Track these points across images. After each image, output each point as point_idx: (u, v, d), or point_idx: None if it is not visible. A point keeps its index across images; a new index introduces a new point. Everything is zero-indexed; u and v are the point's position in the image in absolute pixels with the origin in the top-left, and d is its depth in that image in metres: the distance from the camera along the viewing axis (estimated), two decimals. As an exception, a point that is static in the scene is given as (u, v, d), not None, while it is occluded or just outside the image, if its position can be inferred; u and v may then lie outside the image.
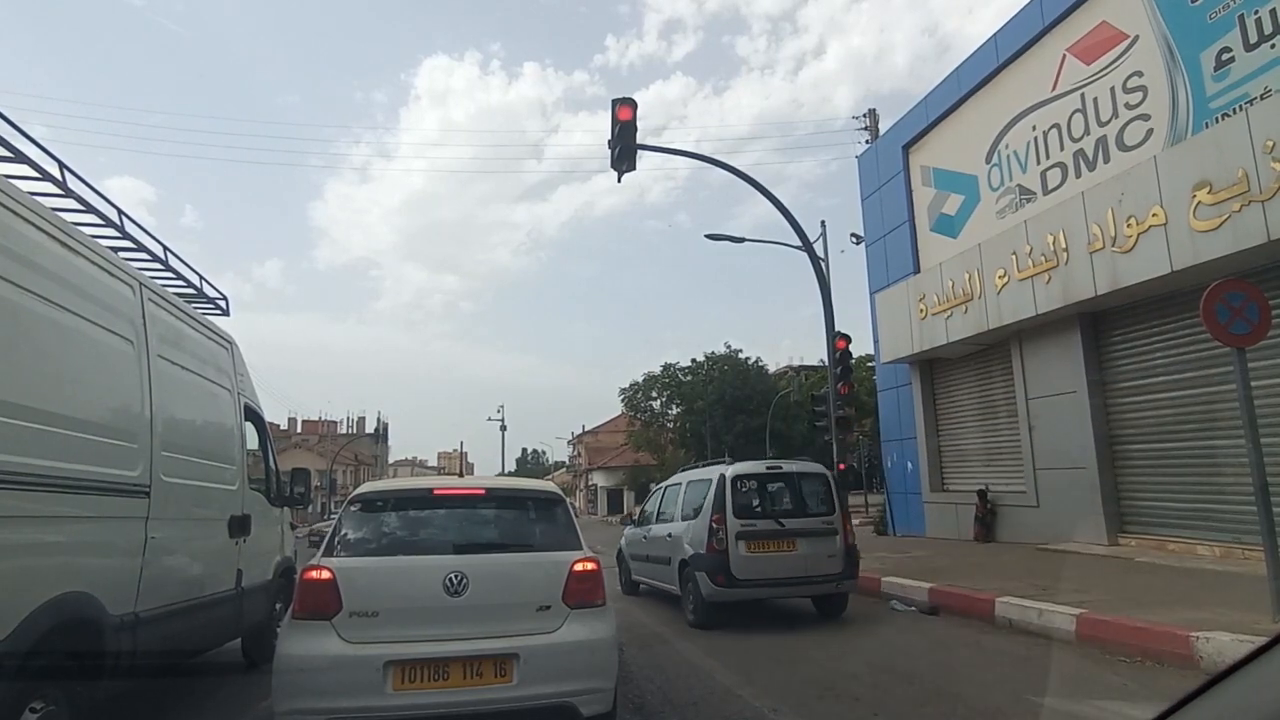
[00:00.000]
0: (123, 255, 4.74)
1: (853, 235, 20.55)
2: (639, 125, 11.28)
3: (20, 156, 3.76)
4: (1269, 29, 8.74)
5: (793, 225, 12.90)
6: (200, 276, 6.20)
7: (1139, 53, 10.53)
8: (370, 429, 58.85)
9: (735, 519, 7.48)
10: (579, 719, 3.61)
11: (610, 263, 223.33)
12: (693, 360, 42.86)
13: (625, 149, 11.35)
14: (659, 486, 10.35)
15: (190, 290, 6.06)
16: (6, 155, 3.69)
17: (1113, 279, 9.92)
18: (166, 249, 5.50)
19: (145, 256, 5.25)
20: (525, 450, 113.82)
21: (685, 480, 8.87)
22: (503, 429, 55.70)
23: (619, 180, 11.84)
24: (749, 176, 12.69)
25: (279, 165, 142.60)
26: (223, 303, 6.67)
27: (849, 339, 13.02)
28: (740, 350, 42.47)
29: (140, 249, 5.16)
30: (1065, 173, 11.91)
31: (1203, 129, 9.43)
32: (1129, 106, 10.70)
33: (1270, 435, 7.73)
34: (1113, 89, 10.96)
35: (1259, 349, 7.34)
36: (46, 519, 3.27)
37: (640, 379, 44.67)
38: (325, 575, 3.58)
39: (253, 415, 6.47)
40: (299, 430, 65.29)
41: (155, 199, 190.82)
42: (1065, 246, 10.70)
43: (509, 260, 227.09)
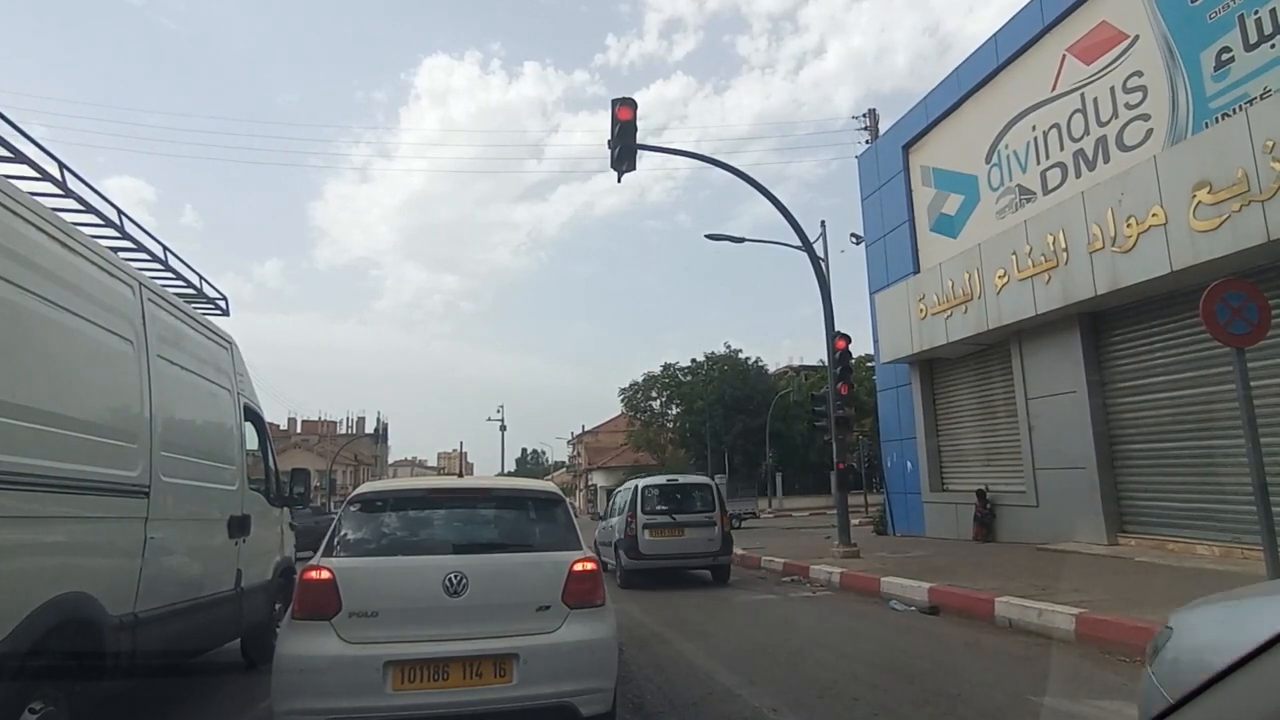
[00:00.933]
0: (123, 255, 4.74)
1: (853, 235, 20.60)
2: (639, 125, 11.32)
3: (20, 156, 3.76)
4: (1269, 29, 8.74)
5: (793, 225, 12.91)
6: (200, 276, 6.20)
7: (1139, 53, 10.53)
8: (370, 429, 58.79)
9: (643, 514, 10.92)
10: (579, 719, 3.61)
11: (610, 263, 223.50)
12: (692, 360, 42.96)
13: (625, 149, 11.36)
14: (615, 491, 13.50)
15: (190, 290, 6.05)
16: (6, 155, 3.68)
17: (1112, 279, 9.93)
18: (166, 249, 5.50)
19: (145, 256, 5.25)
20: (525, 450, 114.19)
21: (625, 488, 12.25)
22: (502, 429, 55.87)
23: (619, 180, 11.87)
24: (749, 176, 12.71)
25: (279, 165, 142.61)
26: (223, 303, 6.67)
27: (849, 339, 13.05)
28: (740, 350, 42.59)
29: (140, 249, 5.15)
30: (1065, 173, 11.92)
31: (1203, 129, 9.43)
32: (1129, 106, 10.71)
33: (1270, 435, 7.74)
34: (1113, 89, 10.97)
35: (1259, 349, 7.35)
36: (46, 519, 3.27)
37: (640, 379, 44.78)
38: (325, 575, 3.58)
39: (252, 415, 6.47)
40: (299, 430, 65.29)
41: (155, 199, 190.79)
42: (1065, 246, 10.71)
43: (509, 260, 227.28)
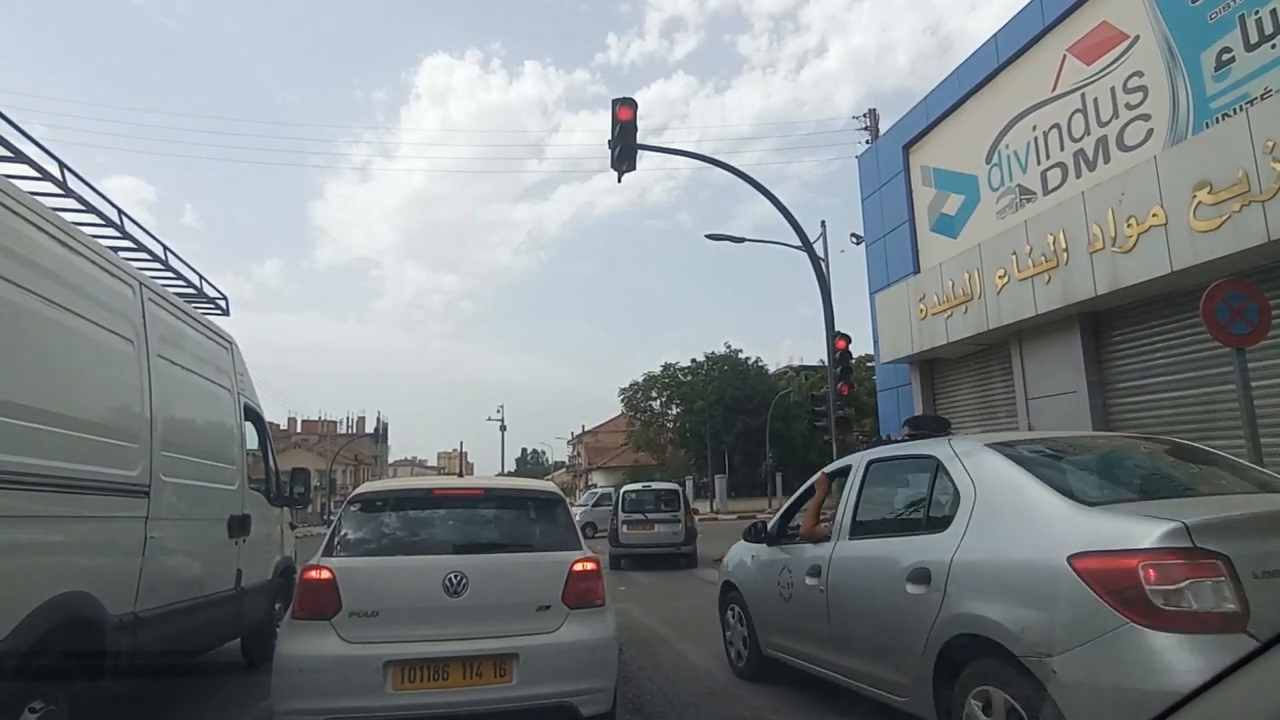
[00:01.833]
0: (123, 255, 4.73)
1: (853, 235, 20.59)
2: (640, 125, 11.30)
3: (20, 156, 3.75)
4: (1269, 29, 8.73)
5: (793, 225, 12.92)
6: (200, 276, 6.19)
7: (1139, 53, 10.52)
8: (370, 429, 58.81)
9: (623, 512, 14.81)
10: (579, 719, 3.61)
11: (610, 263, 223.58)
12: (692, 360, 43.06)
13: (626, 149, 11.35)
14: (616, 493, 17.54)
15: (190, 290, 6.04)
16: (6, 155, 3.68)
17: (1113, 279, 9.92)
18: (166, 249, 5.49)
19: (145, 256, 5.24)
20: (525, 450, 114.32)
21: (618, 491, 16.35)
22: (502, 429, 55.80)
23: (619, 180, 11.85)
24: (749, 176, 12.71)
25: (279, 165, 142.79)
26: (223, 302, 6.66)
27: (849, 339, 13.07)
28: (740, 350, 42.71)
29: (140, 249, 5.15)
30: (1065, 173, 11.91)
31: (1203, 129, 9.42)
32: (1129, 106, 10.70)
33: (1270, 435, 7.73)
34: (1113, 89, 10.96)
35: (1259, 349, 7.34)
36: (46, 519, 3.27)
37: (640, 379, 44.89)
38: (325, 575, 3.58)
39: (253, 415, 6.47)
40: (299, 430, 65.38)
41: (155, 199, 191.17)
42: (1065, 246, 10.70)
43: (509, 260, 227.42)
